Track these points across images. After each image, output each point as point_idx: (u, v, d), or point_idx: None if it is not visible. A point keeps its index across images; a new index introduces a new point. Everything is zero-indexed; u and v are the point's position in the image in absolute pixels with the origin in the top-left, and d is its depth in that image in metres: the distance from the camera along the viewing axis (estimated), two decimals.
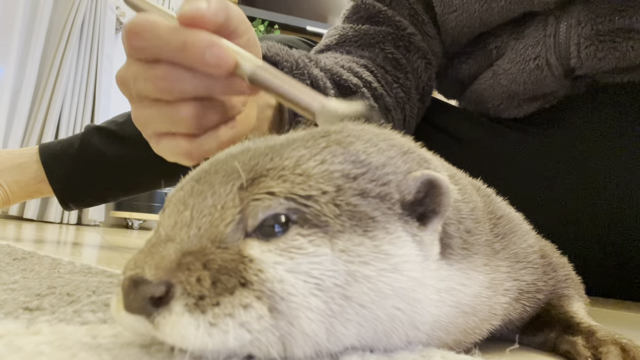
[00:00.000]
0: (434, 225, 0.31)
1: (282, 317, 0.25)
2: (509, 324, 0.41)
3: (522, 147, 0.93)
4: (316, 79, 0.63)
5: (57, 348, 0.25)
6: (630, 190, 0.85)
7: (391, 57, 0.83)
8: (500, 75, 0.91)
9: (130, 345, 0.27)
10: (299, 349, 0.26)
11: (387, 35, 0.84)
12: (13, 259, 0.65)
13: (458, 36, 0.92)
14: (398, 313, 0.28)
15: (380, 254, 0.28)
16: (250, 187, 0.27)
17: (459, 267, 0.33)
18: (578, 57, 0.84)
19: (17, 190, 1.07)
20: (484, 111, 0.99)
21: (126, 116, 1.11)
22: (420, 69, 0.86)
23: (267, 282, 0.25)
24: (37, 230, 1.83)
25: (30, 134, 2.92)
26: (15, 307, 0.35)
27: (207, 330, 0.24)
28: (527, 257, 0.41)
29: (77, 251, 1.09)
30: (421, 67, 0.86)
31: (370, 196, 0.29)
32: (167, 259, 0.25)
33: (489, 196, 0.42)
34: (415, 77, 0.86)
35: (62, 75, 2.99)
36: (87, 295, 0.41)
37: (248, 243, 0.27)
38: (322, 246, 0.27)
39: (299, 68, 0.61)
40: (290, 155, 0.29)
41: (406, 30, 0.86)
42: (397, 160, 0.31)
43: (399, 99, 0.81)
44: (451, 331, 0.33)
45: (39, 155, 1.08)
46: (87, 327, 0.30)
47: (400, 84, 0.82)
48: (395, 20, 0.86)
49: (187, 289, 0.24)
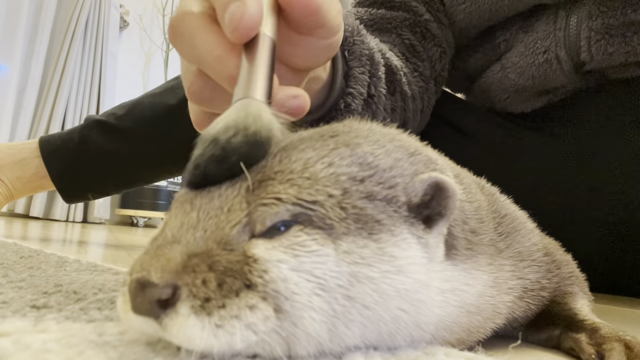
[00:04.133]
0: (439, 228, 0.31)
1: (286, 318, 0.25)
2: (513, 322, 0.41)
3: (529, 142, 0.93)
4: (372, 50, 0.61)
5: (64, 345, 0.26)
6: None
7: (408, 44, 0.81)
8: (508, 69, 0.90)
9: (136, 342, 0.27)
10: (303, 349, 0.26)
11: (404, 20, 0.82)
12: (20, 257, 0.65)
13: (466, 28, 0.90)
14: (402, 314, 0.28)
15: (385, 256, 0.28)
16: (258, 190, 0.27)
17: (463, 267, 0.33)
18: (588, 51, 0.83)
19: (20, 186, 1.08)
20: (491, 105, 0.98)
21: (126, 109, 1.10)
22: (435, 58, 0.84)
23: (271, 283, 0.25)
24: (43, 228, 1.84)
25: (35, 132, 2.93)
26: (23, 305, 0.35)
27: (213, 331, 0.24)
28: (531, 255, 0.41)
29: (83, 249, 1.09)
30: (436, 56, 0.84)
31: (376, 199, 0.29)
32: (173, 261, 0.25)
33: (493, 195, 0.42)
34: (430, 66, 0.84)
35: (66, 73, 3.00)
36: (93, 293, 0.42)
37: (253, 242, 0.27)
38: (325, 246, 0.27)
39: (360, 35, 0.60)
40: (298, 157, 0.29)
41: (423, 16, 0.84)
42: (404, 163, 0.31)
43: (420, 87, 0.80)
44: (455, 331, 0.33)
45: (40, 150, 1.08)
46: (94, 325, 0.31)
47: (419, 72, 0.80)
48: (412, 5, 0.83)
49: (193, 291, 0.24)
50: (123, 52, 3.47)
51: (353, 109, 0.58)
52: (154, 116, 1.07)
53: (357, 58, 0.59)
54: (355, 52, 0.59)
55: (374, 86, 0.62)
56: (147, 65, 3.63)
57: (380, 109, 0.63)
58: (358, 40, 0.59)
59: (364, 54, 0.60)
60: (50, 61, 3.07)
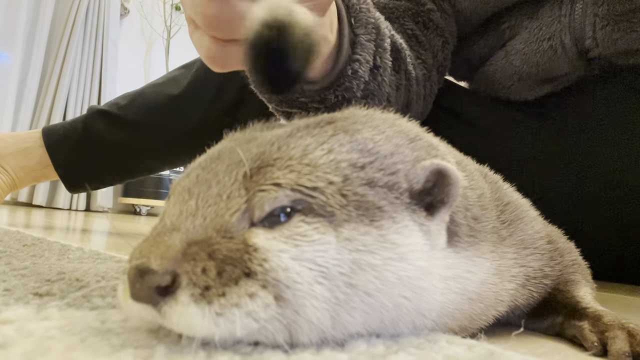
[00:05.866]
0: (441, 215, 0.30)
1: (287, 305, 0.25)
2: (516, 309, 0.41)
3: (532, 130, 0.92)
4: (377, 20, 0.61)
5: (66, 333, 0.26)
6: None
7: (411, 34, 0.80)
8: (512, 55, 0.89)
9: (138, 329, 0.28)
10: (305, 337, 0.26)
11: (407, 10, 0.81)
12: (23, 245, 0.65)
13: (471, 16, 0.89)
14: (404, 301, 0.28)
15: (387, 243, 0.28)
16: (256, 177, 0.27)
17: (465, 254, 0.33)
18: (593, 38, 0.82)
19: (23, 175, 1.08)
20: (495, 93, 0.97)
21: (128, 99, 1.10)
22: (437, 48, 0.84)
23: (271, 272, 0.25)
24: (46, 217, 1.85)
25: (37, 121, 2.93)
26: (26, 292, 0.35)
27: (214, 320, 0.24)
28: (534, 243, 0.40)
29: (85, 237, 1.10)
30: (438, 46, 0.84)
31: (377, 186, 0.28)
32: (173, 249, 0.25)
33: (496, 183, 0.42)
34: (432, 56, 0.83)
35: (68, 61, 2.99)
36: (96, 280, 0.42)
37: (253, 232, 0.26)
38: (327, 234, 0.27)
39: (366, 3, 0.59)
40: (297, 144, 0.28)
41: (426, 5, 0.83)
42: (405, 149, 0.31)
43: (423, 74, 0.79)
44: (457, 317, 0.33)
45: (43, 140, 1.08)
46: (96, 312, 0.31)
47: (422, 60, 0.80)
48: None
49: (192, 279, 0.24)
50: (124, 40, 3.45)
51: (360, 75, 0.57)
52: (157, 106, 1.07)
53: (363, 25, 0.59)
54: (361, 20, 0.59)
55: (379, 57, 0.61)
56: (148, 53, 3.61)
57: (385, 81, 0.63)
58: (364, 8, 0.58)
59: (370, 22, 0.59)
60: (51, 49, 3.06)
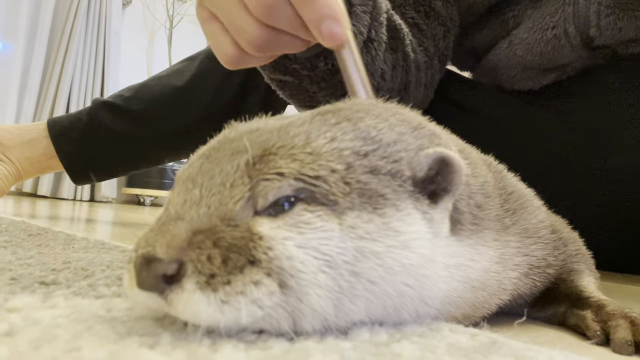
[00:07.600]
0: (444, 203, 0.31)
1: (291, 293, 0.25)
2: (519, 298, 0.41)
3: (536, 120, 0.91)
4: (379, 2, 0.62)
5: (73, 321, 0.26)
6: None
7: (412, 23, 0.80)
8: (516, 45, 0.88)
9: (144, 318, 0.28)
10: (308, 324, 0.26)
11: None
12: (28, 235, 0.66)
13: (474, 4, 0.89)
14: (407, 289, 0.28)
15: (390, 231, 0.28)
16: (259, 165, 0.27)
17: (468, 242, 0.33)
18: (597, 27, 0.81)
19: (28, 166, 1.09)
20: (498, 83, 0.96)
21: (133, 90, 1.11)
22: (439, 37, 0.83)
23: (275, 260, 0.25)
24: (50, 207, 1.86)
25: (41, 111, 2.93)
26: (32, 281, 0.36)
27: (219, 307, 0.24)
28: (538, 232, 0.40)
29: (90, 227, 1.10)
30: (439, 35, 0.83)
31: (381, 173, 0.29)
32: (178, 237, 0.25)
33: (500, 172, 0.42)
34: (434, 45, 0.83)
35: (70, 52, 2.99)
36: (101, 269, 0.42)
37: (257, 220, 0.27)
38: (330, 222, 0.27)
39: None
40: (299, 132, 0.28)
41: None
42: (408, 137, 0.31)
43: (425, 62, 0.79)
44: (460, 306, 0.33)
45: (48, 131, 1.09)
46: (102, 301, 0.31)
47: (424, 48, 0.80)
48: None
49: (198, 267, 0.24)
50: (126, 29, 3.43)
51: None
52: (161, 97, 1.08)
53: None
54: None
55: (374, 30, 0.62)
56: (151, 43, 3.60)
57: (380, 56, 0.63)
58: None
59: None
60: (53, 39, 3.05)
